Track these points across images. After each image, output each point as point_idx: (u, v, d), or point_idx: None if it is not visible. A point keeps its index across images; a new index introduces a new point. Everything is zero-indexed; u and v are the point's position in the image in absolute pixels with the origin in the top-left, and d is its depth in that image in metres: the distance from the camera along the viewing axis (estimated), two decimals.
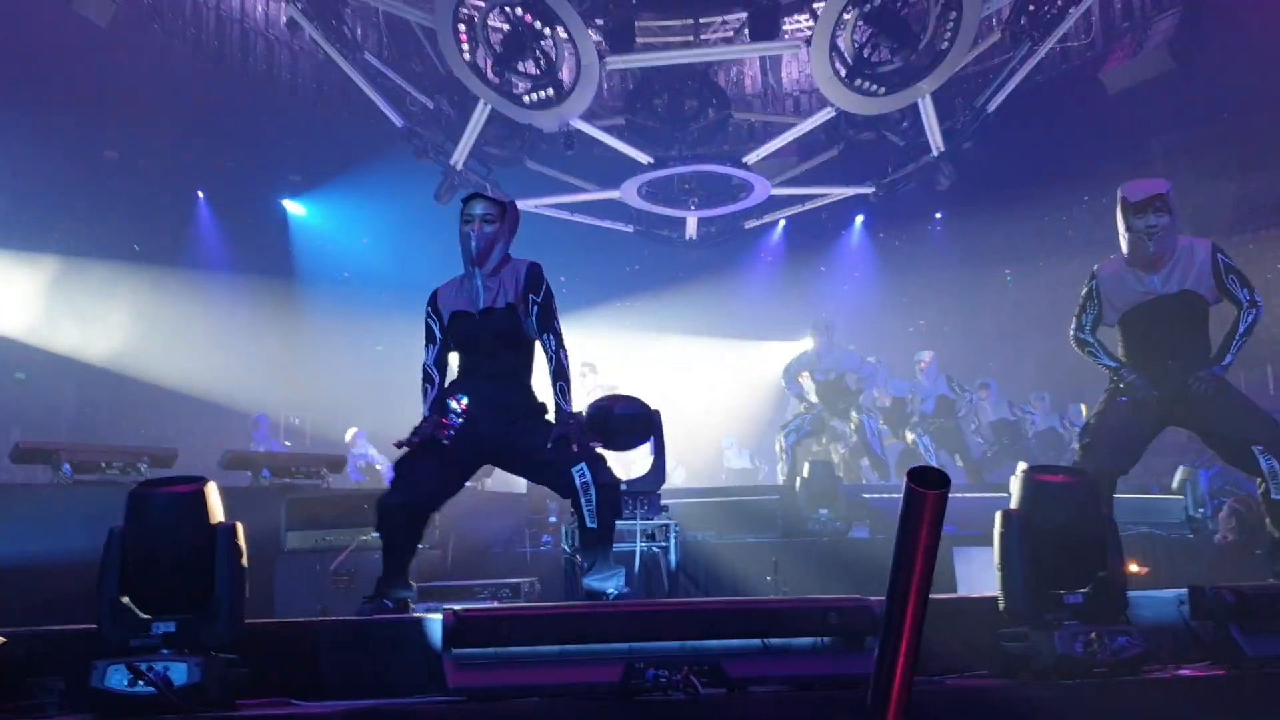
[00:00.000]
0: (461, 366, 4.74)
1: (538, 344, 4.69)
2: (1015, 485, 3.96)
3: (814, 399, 10.64)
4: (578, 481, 4.47)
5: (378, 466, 12.85)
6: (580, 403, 4.98)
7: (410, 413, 4.82)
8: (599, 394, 12.65)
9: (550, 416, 4.64)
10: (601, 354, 14.33)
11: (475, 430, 4.56)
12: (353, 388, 14.75)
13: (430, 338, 4.73)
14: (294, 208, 17.47)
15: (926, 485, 2.17)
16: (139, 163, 14.99)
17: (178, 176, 15.84)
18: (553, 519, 7.98)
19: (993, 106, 13.21)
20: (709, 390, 16.78)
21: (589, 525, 4.46)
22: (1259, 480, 4.89)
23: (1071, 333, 5.42)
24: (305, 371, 15.91)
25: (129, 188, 14.76)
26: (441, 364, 4.73)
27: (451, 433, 4.52)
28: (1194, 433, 5.22)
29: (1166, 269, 5.11)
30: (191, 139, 15.06)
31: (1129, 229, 5.13)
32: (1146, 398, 5.08)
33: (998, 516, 3.83)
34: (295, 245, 17.50)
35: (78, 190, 14.30)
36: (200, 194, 16.77)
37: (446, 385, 4.68)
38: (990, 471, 11.92)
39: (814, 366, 10.72)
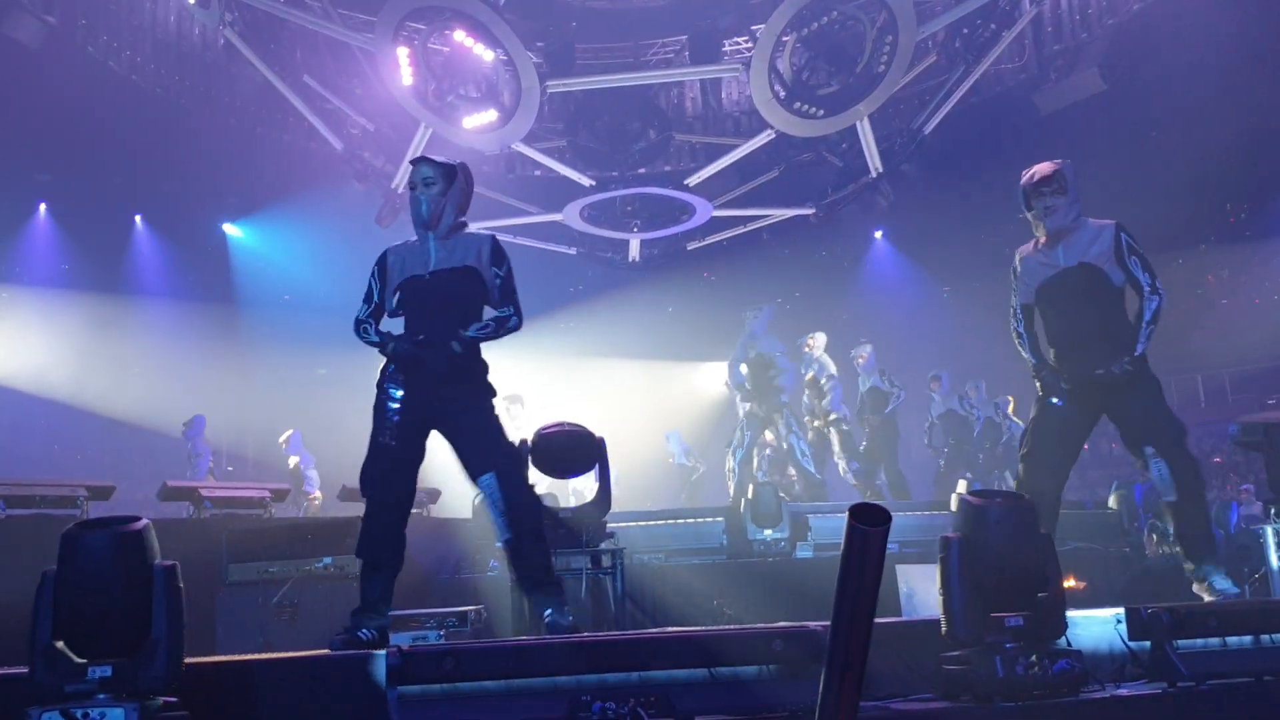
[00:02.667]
0: (406, 330, 4.57)
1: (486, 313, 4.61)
2: (955, 509, 4.01)
3: (749, 386, 10.80)
4: (485, 494, 4.44)
5: (307, 470, 12.71)
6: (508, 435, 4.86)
7: (356, 437, 4.72)
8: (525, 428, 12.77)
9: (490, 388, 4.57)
10: (542, 376, 14.32)
11: (415, 409, 4.45)
12: (296, 412, 14.59)
13: (367, 298, 4.60)
14: (234, 231, 17.29)
15: (869, 522, 2.20)
16: (74, 186, 14.77)
17: (115, 200, 15.63)
18: (499, 543, 7.91)
19: (929, 128, 13.42)
20: (651, 411, 16.82)
21: (504, 537, 4.45)
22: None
23: (1011, 325, 5.55)
24: (247, 397, 15.75)
25: (63, 212, 14.54)
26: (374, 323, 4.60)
27: (393, 429, 4.42)
28: (1115, 422, 5.30)
29: (1066, 242, 5.28)
30: (128, 162, 14.88)
31: (1029, 209, 5.36)
32: (1059, 390, 5.22)
33: (939, 541, 3.87)
34: (235, 269, 17.33)
35: (8, 214, 14.08)
36: (138, 218, 16.56)
37: (382, 371, 4.54)
38: (940, 485, 12.04)
39: (747, 347, 10.92)
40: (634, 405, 16.62)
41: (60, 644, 3.27)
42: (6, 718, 3.16)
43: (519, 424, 12.12)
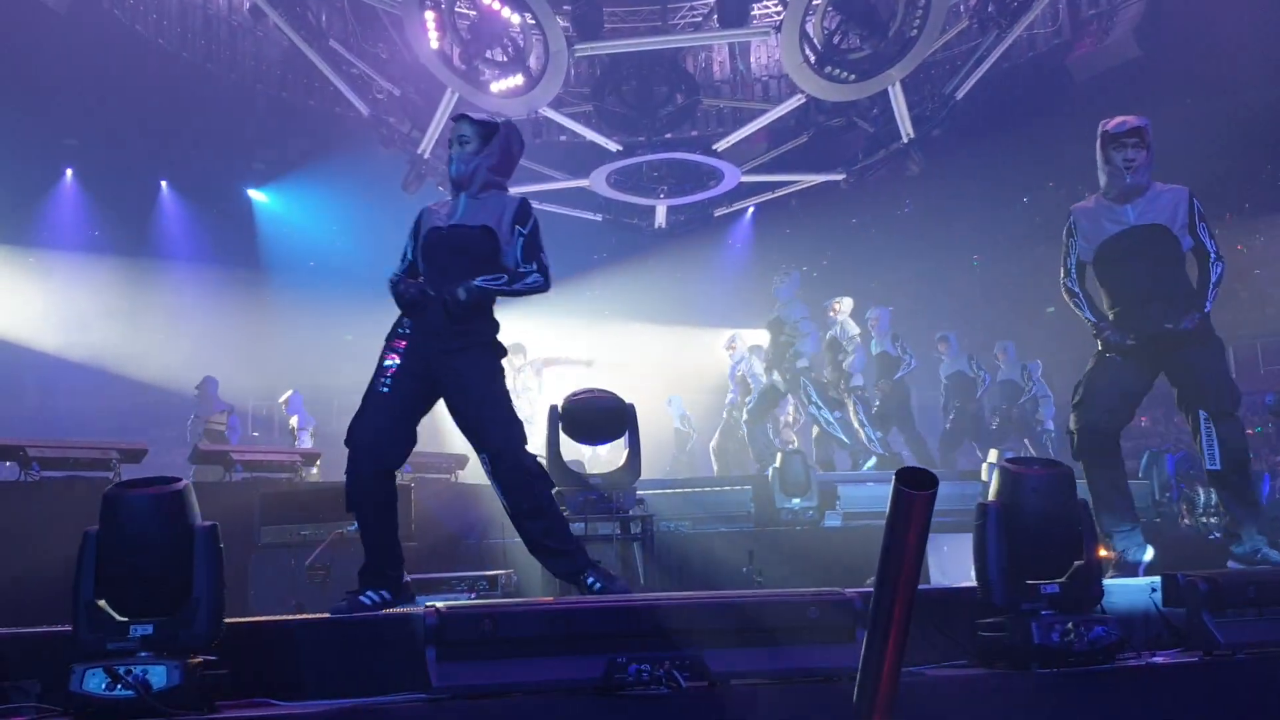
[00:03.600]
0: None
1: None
2: (993, 476, 3.99)
3: (766, 348, 10.91)
4: (486, 473, 4.35)
5: (303, 431, 12.76)
6: (510, 385, 4.74)
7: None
8: (528, 372, 12.80)
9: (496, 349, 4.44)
10: (568, 340, 14.31)
11: (415, 359, 4.35)
12: (321, 377, 14.64)
13: (402, 256, 4.57)
14: (258, 196, 17.31)
15: (915, 485, 2.19)
16: (99, 151, 14.81)
17: (140, 165, 15.68)
18: None
19: (961, 94, 13.27)
20: (671, 375, 16.79)
21: (508, 512, 4.36)
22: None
23: (1061, 281, 5.44)
24: (273, 362, 15.81)
25: (90, 176, 14.59)
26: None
27: (388, 379, 4.31)
28: (1174, 382, 5.20)
29: (1141, 202, 5.19)
30: (154, 127, 14.92)
31: (1107, 161, 5.24)
32: (1125, 347, 5.12)
33: (976, 509, 3.86)
34: (261, 234, 17.37)
35: (36, 179, 14.14)
36: (164, 183, 16.61)
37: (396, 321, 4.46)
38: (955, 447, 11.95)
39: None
40: (652, 370, 16.59)
41: (102, 603, 3.30)
42: (51, 674, 3.18)
43: (521, 375, 12.20)
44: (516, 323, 4.76)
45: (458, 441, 6.80)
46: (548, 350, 14.51)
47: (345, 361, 15.60)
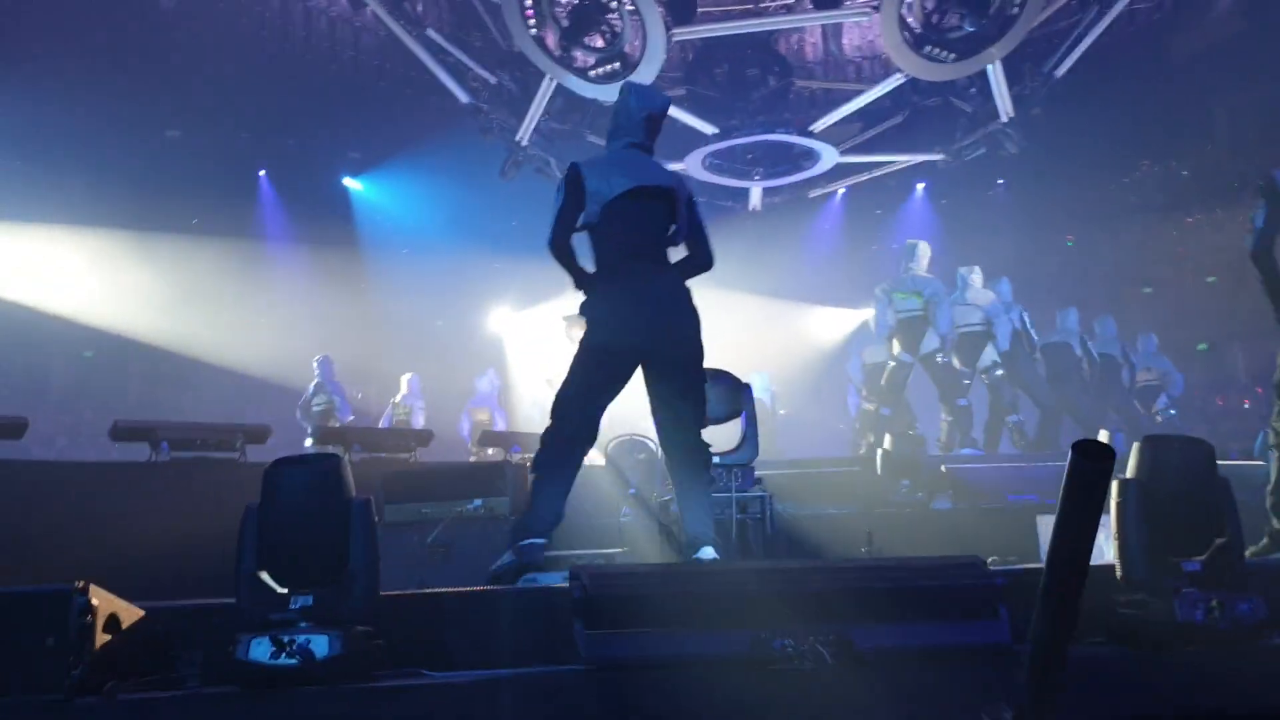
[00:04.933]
0: None
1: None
2: (1132, 452, 3.96)
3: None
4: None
5: (419, 412, 12.99)
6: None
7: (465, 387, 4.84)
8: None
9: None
10: None
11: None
12: (415, 364, 14.87)
13: None
14: (354, 185, 17.56)
15: (1092, 458, 2.20)
16: (201, 142, 15.15)
17: (239, 155, 16.00)
18: (631, 490, 8.00)
19: (1061, 71, 13.02)
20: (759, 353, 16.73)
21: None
22: None
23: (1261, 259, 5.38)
24: (367, 348, 16.06)
25: (191, 167, 14.92)
26: None
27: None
28: None
29: None
30: (253, 117, 15.22)
31: None
32: None
33: (1115, 485, 3.83)
34: (357, 222, 17.62)
35: (141, 170, 14.48)
36: (262, 172, 16.93)
37: None
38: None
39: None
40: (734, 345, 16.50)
41: (264, 574, 3.43)
42: (216, 643, 3.30)
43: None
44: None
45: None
46: None
47: (437, 347, 15.90)
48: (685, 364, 4.60)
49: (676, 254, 4.84)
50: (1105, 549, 4.07)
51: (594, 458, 9.08)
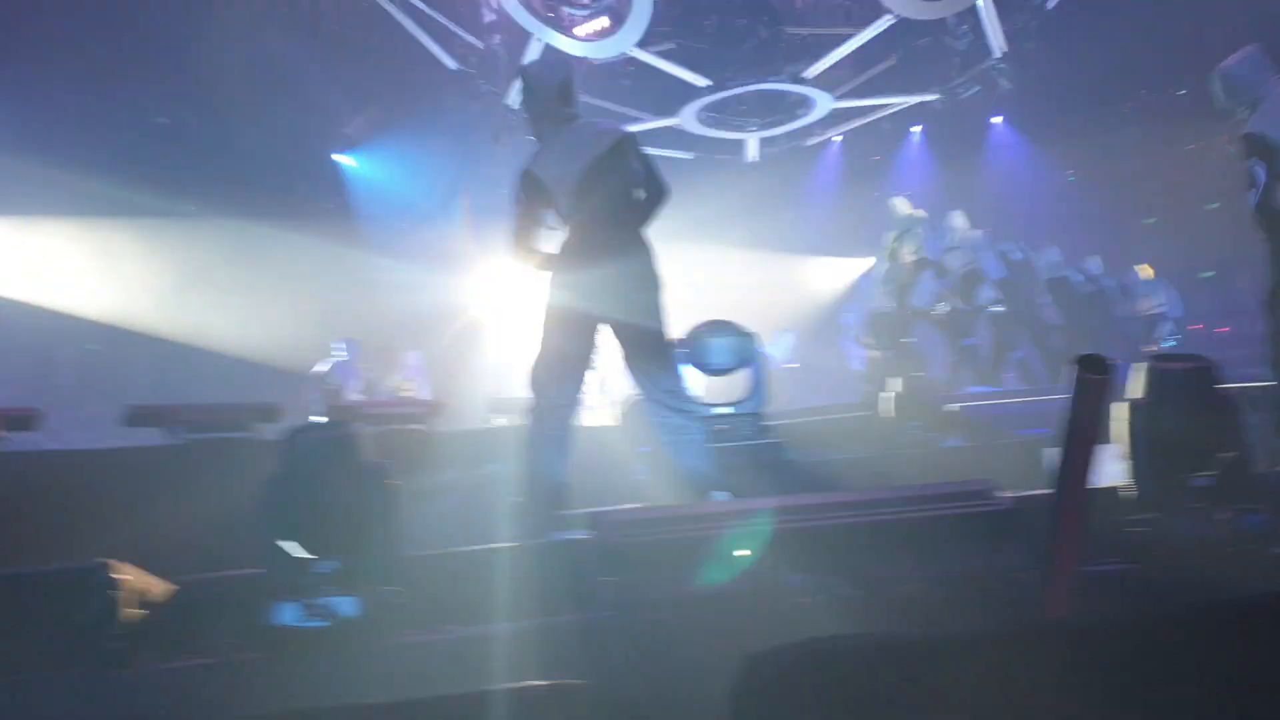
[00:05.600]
0: None
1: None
2: (1138, 375, 4.00)
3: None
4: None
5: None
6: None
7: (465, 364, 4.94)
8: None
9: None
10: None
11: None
12: (411, 338, 14.86)
13: None
14: (345, 161, 17.47)
15: (1093, 371, 2.24)
16: (191, 126, 15.07)
17: (228, 135, 15.90)
18: (644, 449, 8.04)
19: (1053, 2, 12.91)
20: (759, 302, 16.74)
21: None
22: None
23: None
24: (362, 325, 16.04)
25: (184, 152, 14.83)
26: None
27: None
28: None
29: None
30: (241, 99, 15.11)
31: None
32: None
33: (1124, 407, 3.87)
34: (350, 199, 17.53)
35: (129, 157, 14.41)
36: (254, 151, 16.82)
37: None
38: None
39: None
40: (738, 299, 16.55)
41: (288, 543, 3.49)
42: (247, 611, 3.37)
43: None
44: None
45: None
46: None
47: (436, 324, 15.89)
48: (648, 335, 4.77)
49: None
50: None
51: (612, 417, 9.18)
